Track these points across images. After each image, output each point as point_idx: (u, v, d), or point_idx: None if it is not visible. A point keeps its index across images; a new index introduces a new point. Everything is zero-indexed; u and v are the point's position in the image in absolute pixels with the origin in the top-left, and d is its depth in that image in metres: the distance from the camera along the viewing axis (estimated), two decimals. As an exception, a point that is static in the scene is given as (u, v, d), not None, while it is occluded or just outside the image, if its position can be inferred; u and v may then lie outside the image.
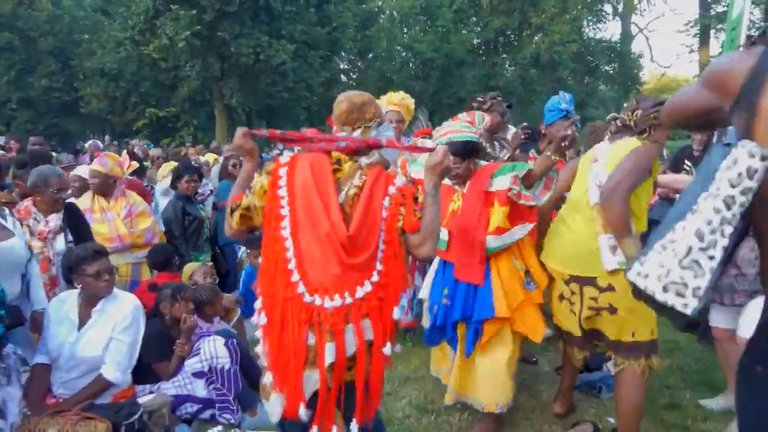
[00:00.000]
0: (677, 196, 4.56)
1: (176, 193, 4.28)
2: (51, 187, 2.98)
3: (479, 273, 2.47)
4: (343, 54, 22.69)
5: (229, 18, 15.50)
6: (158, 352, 2.88)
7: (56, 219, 3.03)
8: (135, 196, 3.80)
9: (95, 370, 2.63)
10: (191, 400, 2.83)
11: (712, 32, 22.13)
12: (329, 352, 1.56)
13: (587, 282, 2.37)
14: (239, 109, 19.43)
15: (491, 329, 2.48)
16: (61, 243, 3.03)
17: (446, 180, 2.60)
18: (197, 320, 3.10)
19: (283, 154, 1.77)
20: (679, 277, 1.07)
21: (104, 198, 3.62)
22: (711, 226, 1.03)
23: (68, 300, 2.71)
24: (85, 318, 2.65)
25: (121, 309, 2.70)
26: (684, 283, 1.06)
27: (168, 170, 5.10)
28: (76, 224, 3.16)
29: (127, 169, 3.80)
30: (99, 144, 11.30)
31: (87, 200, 3.60)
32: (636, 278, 1.14)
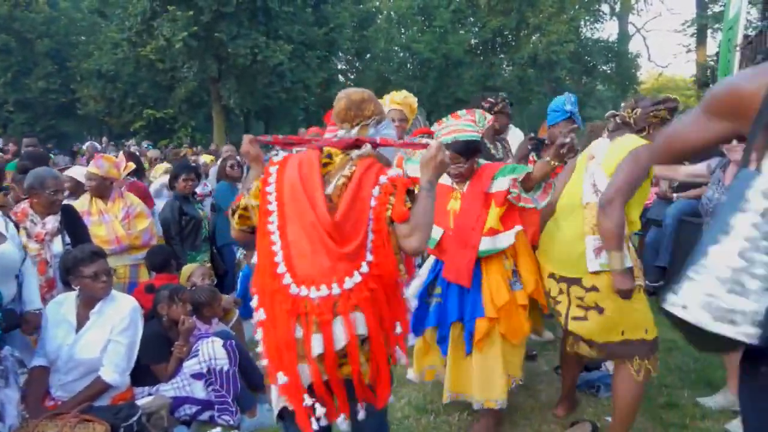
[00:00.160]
0: (675, 196, 4.59)
1: (174, 193, 4.29)
2: (47, 189, 2.98)
3: (468, 275, 2.47)
4: (341, 54, 22.69)
5: (227, 19, 15.50)
6: (157, 354, 2.87)
7: (53, 221, 3.03)
8: (133, 198, 3.79)
9: (93, 372, 2.62)
10: (190, 402, 2.82)
11: (709, 32, 22.18)
12: (316, 343, 1.54)
13: (573, 282, 2.37)
14: (237, 110, 19.42)
15: (482, 328, 2.48)
16: (59, 245, 3.02)
17: (447, 179, 2.60)
18: (196, 321, 3.09)
19: (279, 155, 1.79)
20: (728, 303, 0.98)
21: (102, 200, 3.61)
22: (752, 243, 0.98)
23: (66, 302, 2.70)
24: (83, 320, 2.65)
25: (119, 311, 2.70)
26: (735, 309, 0.98)
27: (159, 172, 5.08)
28: (74, 226, 3.15)
29: (124, 171, 3.79)
30: (97, 146, 11.27)
31: (84, 202, 3.60)
32: (675, 309, 1.06)
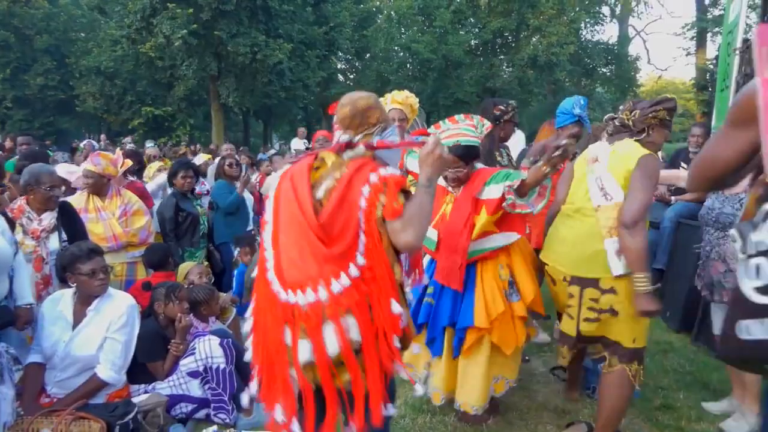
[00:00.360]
0: (673, 199, 4.60)
1: (173, 190, 4.29)
2: (43, 185, 2.97)
3: (458, 279, 2.47)
4: (341, 54, 22.65)
5: (226, 17, 15.47)
6: (153, 352, 2.86)
7: (49, 217, 3.02)
8: (130, 195, 3.78)
9: (90, 370, 2.62)
10: (186, 400, 2.82)
11: (709, 35, 22.23)
12: (303, 349, 1.51)
13: (589, 283, 2.32)
14: (236, 109, 19.38)
15: (472, 337, 2.49)
16: (55, 242, 3.01)
17: (442, 181, 2.59)
18: (193, 320, 3.09)
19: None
20: None
21: (99, 197, 3.60)
22: None
23: (63, 299, 2.70)
24: (80, 317, 2.64)
25: (116, 308, 2.69)
26: None
27: (153, 171, 5.06)
28: (71, 223, 3.14)
29: (121, 168, 3.78)
30: (94, 144, 11.23)
31: (81, 200, 3.58)
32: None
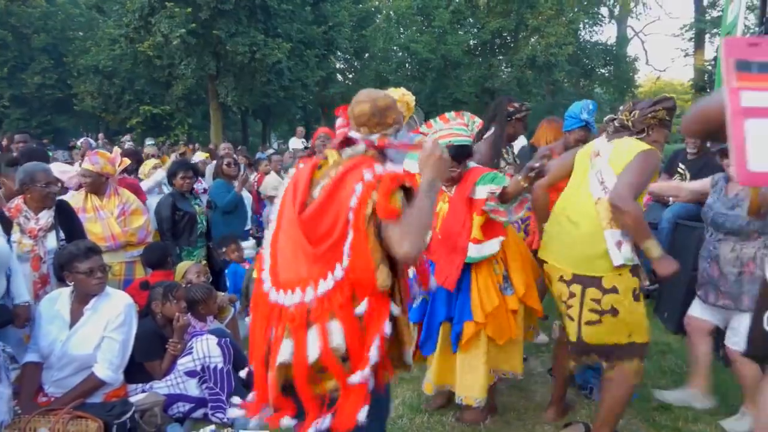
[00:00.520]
0: (670, 199, 4.58)
1: (171, 190, 4.29)
2: (38, 183, 2.96)
3: (454, 279, 2.48)
4: (339, 53, 22.62)
5: (225, 16, 15.44)
6: (151, 351, 2.86)
7: (47, 216, 3.01)
8: (128, 194, 3.77)
9: (87, 369, 2.61)
10: (184, 399, 2.82)
11: (707, 37, 22.29)
12: (284, 349, 1.48)
13: (591, 283, 2.31)
14: (234, 108, 19.34)
15: (469, 331, 2.51)
16: (53, 241, 3.00)
17: None
18: (190, 319, 3.08)
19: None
20: None
21: (97, 196, 3.60)
22: None
23: (60, 298, 2.69)
24: (77, 316, 2.64)
25: (114, 307, 2.69)
26: None
27: (148, 168, 5.05)
28: (69, 222, 3.13)
29: (119, 167, 3.77)
30: (91, 142, 11.23)
31: (80, 199, 3.57)
32: None
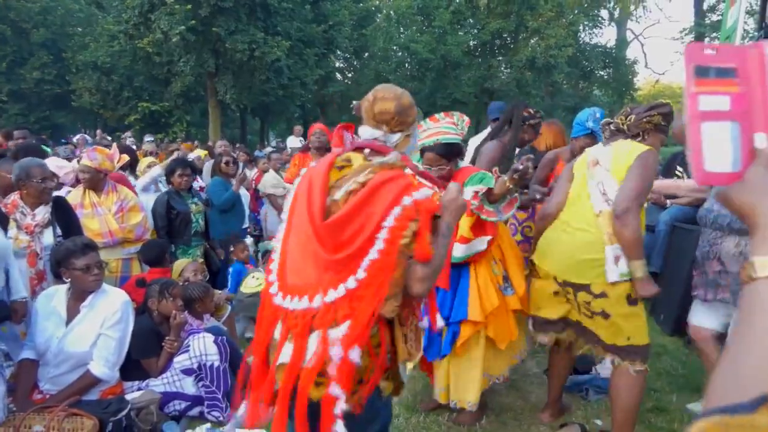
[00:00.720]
0: (668, 202, 4.59)
1: (168, 188, 4.29)
2: (34, 178, 2.95)
3: (445, 276, 2.48)
4: (339, 52, 22.60)
5: (225, 13, 15.41)
6: (147, 349, 2.86)
7: (43, 212, 3.00)
8: (126, 191, 3.77)
9: (83, 366, 2.60)
10: (180, 397, 2.81)
11: (707, 40, 22.34)
12: (285, 352, 1.47)
13: (580, 288, 2.37)
14: (233, 106, 19.31)
15: (466, 332, 2.51)
16: (49, 237, 3.00)
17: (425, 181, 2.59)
18: (187, 317, 3.08)
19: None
20: None
21: (95, 193, 3.59)
22: None
23: (56, 294, 2.68)
24: (74, 313, 2.63)
25: (111, 304, 2.68)
26: None
27: (145, 166, 5.04)
28: (66, 218, 3.12)
29: (118, 163, 3.77)
30: (87, 138, 11.20)
31: (77, 195, 3.57)
32: None
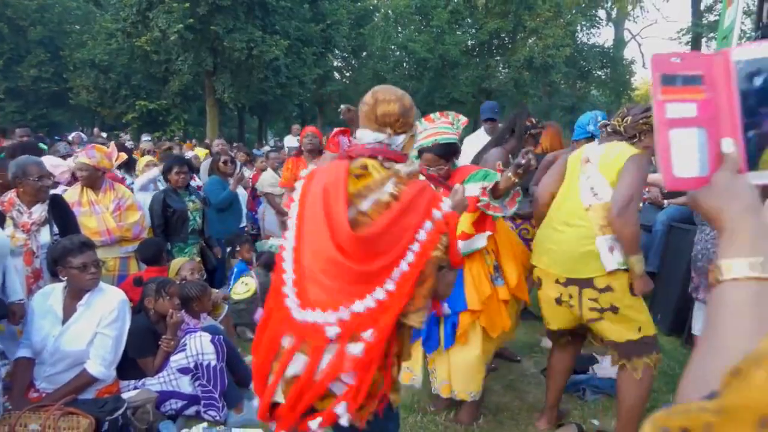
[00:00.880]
0: (665, 202, 4.62)
1: (164, 186, 4.28)
2: (31, 176, 2.94)
3: None
4: (337, 51, 22.60)
5: (223, 12, 15.39)
6: (144, 348, 2.85)
7: (40, 210, 2.99)
8: (124, 190, 3.76)
9: (79, 365, 2.60)
10: (176, 397, 2.80)
11: (704, 41, 22.37)
12: (295, 363, 1.43)
13: (585, 284, 2.36)
14: (231, 104, 19.28)
15: (466, 321, 2.54)
16: (46, 235, 2.98)
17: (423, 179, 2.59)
18: (184, 316, 3.07)
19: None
20: None
21: (93, 191, 3.58)
22: None
23: (53, 293, 2.67)
24: (70, 311, 2.62)
25: (107, 303, 2.67)
26: None
27: (143, 164, 5.04)
28: (63, 217, 3.11)
29: (116, 161, 3.76)
30: (83, 136, 11.16)
31: (75, 193, 3.56)
32: None
